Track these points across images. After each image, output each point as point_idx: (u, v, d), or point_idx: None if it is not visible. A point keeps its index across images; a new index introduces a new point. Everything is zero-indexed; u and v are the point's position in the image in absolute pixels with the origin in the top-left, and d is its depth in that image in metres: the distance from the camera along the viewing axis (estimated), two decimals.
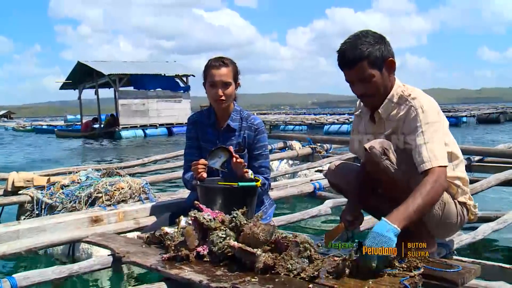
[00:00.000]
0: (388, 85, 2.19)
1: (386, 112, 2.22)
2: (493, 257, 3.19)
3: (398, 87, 2.22)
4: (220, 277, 1.86)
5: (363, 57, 2.09)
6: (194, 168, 2.58)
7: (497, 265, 2.23)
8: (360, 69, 2.12)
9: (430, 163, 2.01)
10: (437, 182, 1.97)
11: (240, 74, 2.84)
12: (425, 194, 1.92)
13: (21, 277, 2.07)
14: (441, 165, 2.02)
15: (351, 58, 2.12)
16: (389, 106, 2.21)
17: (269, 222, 2.73)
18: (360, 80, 2.15)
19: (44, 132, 33.97)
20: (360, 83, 2.16)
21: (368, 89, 2.16)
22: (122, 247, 2.32)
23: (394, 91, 2.21)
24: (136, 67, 26.22)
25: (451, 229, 2.29)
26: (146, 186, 3.75)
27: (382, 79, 2.15)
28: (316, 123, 25.51)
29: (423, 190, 1.93)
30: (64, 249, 3.29)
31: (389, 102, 2.21)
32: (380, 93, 2.19)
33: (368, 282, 1.75)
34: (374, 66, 2.12)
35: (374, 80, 2.13)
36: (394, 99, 2.20)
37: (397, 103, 2.19)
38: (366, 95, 2.20)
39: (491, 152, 5.34)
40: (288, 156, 6.56)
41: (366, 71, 2.12)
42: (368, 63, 2.10)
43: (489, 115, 29.63)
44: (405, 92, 2.19)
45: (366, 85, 2.15)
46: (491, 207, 4.45)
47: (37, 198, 3.70)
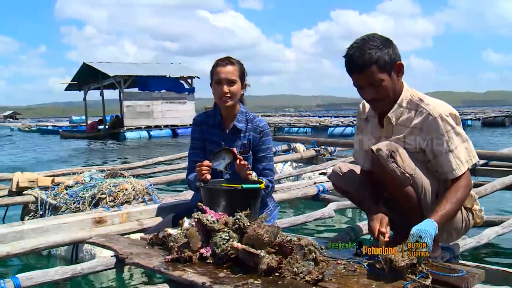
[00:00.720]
0: (397, 88, 2.19)
1: (395, 117, 2.21)
2: (497, 261, 3.18)
3: (407, 91, 2.22)
4: (223, 279, 1.86)
5: (373, 61, 2.08)
6: (198, 169, 2.58)
7: (501, 270, 2.21)
8: (370, 73, 2.10)
9: (459, 170, 2.12)
10: (468, 187, 2.15)
11: (247, 76, 2.85)
12: (460, 200, 2.10)
13: (24, 277, 2.07)
14: (466, 168, 2.15)
15: (360, 63, 2.10)
16: (398, 111, 2.20)
17: (273, 224, 2.73)
18: (370, 84, 2.14)
19: (48, 132, 34.10)
20: (370, 88, 2.15)
21: (378, 93, 2.15)
22: (125, 248, 2.33)
23: (403, 95, 2.20)
24: (141, 68, 26.31)
25: (456, 234, 2.29)
26: (150, 187, 3.75)
27: (391, 83, 2.14)
28: (321, 126, 25.47)
29: (459, 195, 2.10)
30: (68, 250, 3.30)
31: (398, 106, 2.20)
32: (389, 97, 2.18)
33: (372, 286, 1.75)
34: (384, 70, 2.10)
35: (384, 84, 2.12)
36: (403, 103, 2.20)
37: (407, 108, 2.19)
38: (376, 100, 2.18)
39: (496, 156, 5.30)
40: (292, 158, 6.55)
41: (376, 75, 2.10)
42: (377, 68, 2.09)
43: (494, 118, 29.52)
44: (414, 97, 2.19)
45: (376, 89, 2.14)
46: (496, 211, 4.43)
47: (41, 198, 3.71)
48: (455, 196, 2.07)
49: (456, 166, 2.12)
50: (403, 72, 2.19)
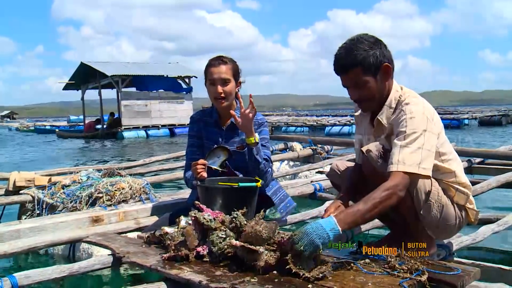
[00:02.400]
0: (384, 90, 2.19)
1: (386, 118, 2.21)
2: (493, 259, 3.19)
3: (396, 91, 2.22)
4: (219, 277, 1.86)
5: (357, 63, 2.10)
6: (193, 168, 2.59)
7: (497, 267, 2.23)
8: (353, 75, 2.13)
9: (396, 166, 1.98)
10: (393, 190, 1.93)
11: (242, 73, 2.85)
12: (377, 201, 1.90)
13: (22, 276, 2.08)
14: (407, 171, 1.97)
15: (344, 64, 2.13)
16: (388, 112, 2.21)
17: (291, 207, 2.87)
18: (355, 85, 2.16)
19: (46, 132, 34.04)
20: (354, 89, 2.18)
21: (363, 94, 2.17)
22: (122, 247, 2.33)
23: (392, 96, 2.21)
24: (139, 68, 26.27)
25: (450, 231, 2.30)
26: (146, 186, 3.76)
27: (376, 85, 2.15)
28: (318, 125, 25.51)
29: (376, 196, 1.91)
30: (65, 249, 3.30)
31: (387, 108, 2.21)
32: (375, 99, 2.19)
33: (368, 283, 1.76)
34: (368, 72, 2.12)
35: (369, 86, 2.14)
36: (392, 104, 2.20)
37: (396, 108, 2.19)
38: (361, 100, 2.22)
39: (492, 154, 5.33)
40: (289, 157, 6.56)
41: (360, 77, 2.12)
42: (362, 70, 2.11)
43: (491, 117, 29.55)
44: (401, 98, 2.19)
45: (361, 90, 2.16)
46: (491, 209, 4.45)
47: (38, 198, 3.71)
48: (373, 195, 1.91)
49: (395, 162, 1.98)
50: (391, 74, 2.19)
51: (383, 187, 1.93)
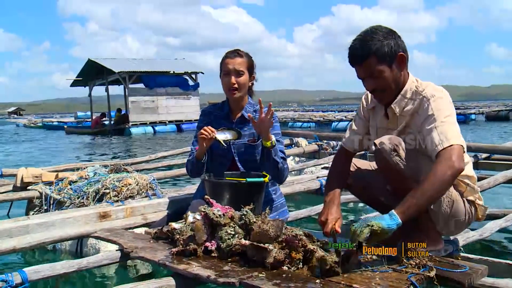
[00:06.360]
0: (400, 80, 2.19)
1: (399, 108, 2.21)
2: (500, 254, 3.18)
3: (412, 82, 2.21)
4: (227, 272, 1.87)
5: (371, 53, 2.10)
6: (201, 131, 2.62)
7: (504, 262, 2.22)
8: (368, 65, 2.12)
9: (441, 145, 1.97)
10: (450, 166, 1.90)
11: (256, 68, 2.85)
12: (432, 183, 1.89)
13: (31, 270, 2.09)
14: (452, 144, 1.96)
15: (359, 54, 2.14)
16: (402, 101, 2.20)
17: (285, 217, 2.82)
18: (370, 76, 2.16)
19: (54, 128, 34.12)
20: (370, 79, 2.17)
21: (379, 84, 2.16)
22: (130, 242, 2.34)
23: (408, 86, 2.20)
24: (146, 64, 26.30)
25: (459, 226, 2.28)
26: (153, 182, 3.77)
27: (392, 74, 2.15)
28: (324, 120, 25.43)
29: (431, 177, 1.90)
30: (72, 245, 3.33)
31: (402, 97, 2.20)
32: (391, 88, 2.18)
33: (375, 278, 1.76)
34: (383, 62, 2.11)
35: (384, 76, 2.13)
36: (407, 94, 2.20)
37: (411, 99, 2.19)
38: (377, 90, 2.20)
39: (499, 150, 5.29)
40: (295, 153, 6.55)
41: (375, 67, 2.12)
42: (377, 59, 2.11)
43: (498, 112, 29.30)
44: (419, 88, 2.18)
45: (376, 80, 2.15)
46: (498, 204, 4.43)
47: (45, 193, 3.74)
48: (428, 178, 1.90)
49: (438, 142, 1.98)
50: (406, 63, 2.19)
51: (436, 168, 1.91)
